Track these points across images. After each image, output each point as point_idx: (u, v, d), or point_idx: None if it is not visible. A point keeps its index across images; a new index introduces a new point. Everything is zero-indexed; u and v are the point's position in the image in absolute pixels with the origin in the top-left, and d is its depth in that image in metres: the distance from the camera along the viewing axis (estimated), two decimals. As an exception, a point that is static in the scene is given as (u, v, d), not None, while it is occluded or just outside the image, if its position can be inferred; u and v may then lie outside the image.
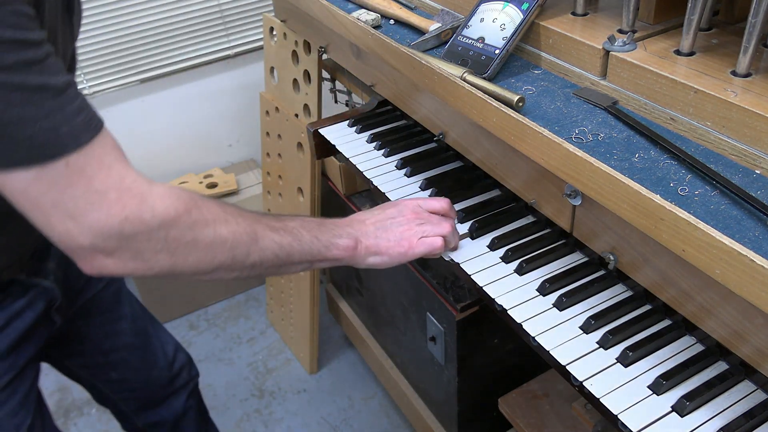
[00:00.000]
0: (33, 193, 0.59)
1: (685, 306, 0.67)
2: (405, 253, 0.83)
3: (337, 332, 2.01)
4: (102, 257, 0.64)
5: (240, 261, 0.72)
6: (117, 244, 0.63)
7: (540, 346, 0.74)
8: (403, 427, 1.73)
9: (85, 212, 0.61)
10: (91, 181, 0.61)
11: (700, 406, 0.67)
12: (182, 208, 0.66)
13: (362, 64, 1.11)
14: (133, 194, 0.63)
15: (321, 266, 0.82)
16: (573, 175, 0.71)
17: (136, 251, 0.64)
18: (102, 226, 0.61)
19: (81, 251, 0.63)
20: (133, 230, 0.63)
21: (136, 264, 0.65)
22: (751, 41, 0.71)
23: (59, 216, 0.61)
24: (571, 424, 1.09)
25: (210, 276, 0.72)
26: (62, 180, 0.60)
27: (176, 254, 0.67)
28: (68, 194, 0.60)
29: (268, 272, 0.77)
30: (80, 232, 0.61)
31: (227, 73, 2.16)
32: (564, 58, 0.89)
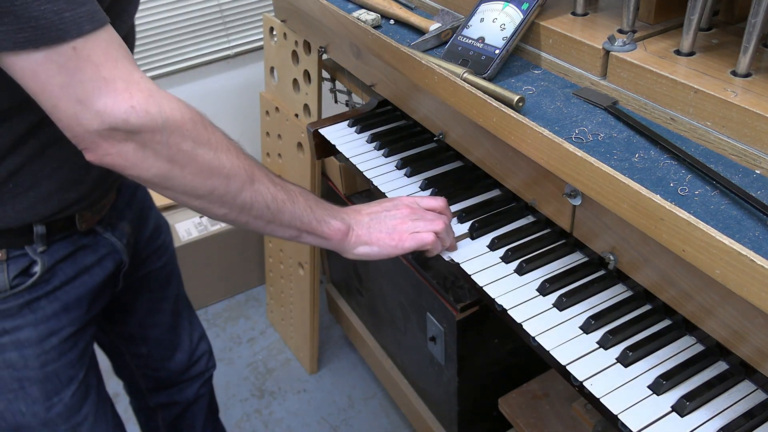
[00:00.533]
0: (42, 76, 0.60)
1: (685, 306, 0.67)
2: (395, 246, 0.84)
3: (337, 332, 2.01)
4: (106, 145, 0.64)
5: (232, 194, 0.72)
6: (122, 134, 0.64)
7: (540, 346, 0.74)
8: (403, 427, 1.73)
9: (93, 96, 0.62)
10: (99, 69, 0.62)
11: (700, 406, 0.67)
12: (188, 117, 0.67)
13: (362, 64, 1.11)
14: (141, 88, 0.64)
15: (308, 240, 0.82)
16: (573, 175, 0.71)
17: (140, 145, 0.65)
18: (109, 111, 0.62)
19: (87, 136, 0.63)
20: (138, 121, 0.63)
21: (136, 158, 0.65)
22: (751, 41, 0.71)
23: (67, 100, 0.61)
24: (571, 424, 1.09)
25: (199, 202, 0.72)
26: (70, 63, 0.60)
27: (174, 161, 0.67)
28: (77, 78, 0.61)
29: (255, 224, 0.77)
30: (88, 116, 0.62)
31: (227, 73, 2.16)
32: (564, 58, 0.89)
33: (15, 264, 0.83)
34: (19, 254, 0.84)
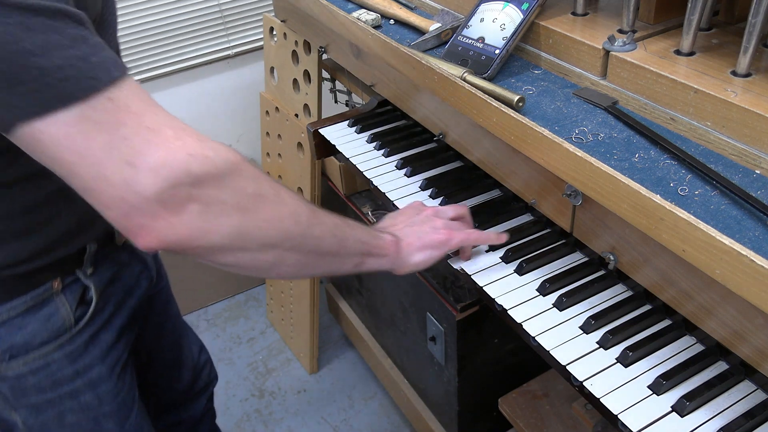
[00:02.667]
0: (78, 139, 0.50)
1: (685, 306, 0.67)
2: (445, 242, 0.80)
3: (337, 332, 2.01)
4: (167, 215, 0.53)
5: (302, 232, 0.63)
6: (186, 190, 0.53)
7: (540, 346, 0.74)
8: (403, 427, 1.73)
9: (144, 151, 0.51)
10: (141, 118, 0.52)
11: (700, 406, 0.67)
12: (240, 157, 0.59)
13: (362, 64, 1.11)
14: (189, 133, 0.54)
15: (369, 264, 0.74)
16: (573, 175, 0.71)
17: (205, 202, 0.54)
18: (167, 165, 0.51)
19: (143, 210, 0.52)
20: (200, 169, 0.53)
21: (205, 221, 0.55)
22: (751, 41, 0.71)
23: (114, 162, 0.51)
24: (571, 424, 1.09)
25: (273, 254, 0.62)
26: (110, 117, 0.51)
27: (244, 209, 0.57)
28: (120, 134, 0.51)
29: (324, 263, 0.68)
30: (143, 178, 0.51)
31: (227, 73, 2.16)
32: (564, 58, 0.89)
33: (71, 292, 0.78)
34: (71, 280, 0.78)
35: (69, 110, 0.50)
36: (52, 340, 0.77)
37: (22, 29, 0.48)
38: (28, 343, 0.76)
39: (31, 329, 0.76)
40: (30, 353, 0.76)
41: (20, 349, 0.76)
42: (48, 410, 0.80)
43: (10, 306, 0.74)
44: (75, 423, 0.82)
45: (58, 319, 0.77)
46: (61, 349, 0.78)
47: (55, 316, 0.77)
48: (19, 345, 0.76)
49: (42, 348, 0.77)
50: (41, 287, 0.75)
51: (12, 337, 0.75)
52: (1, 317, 0.74)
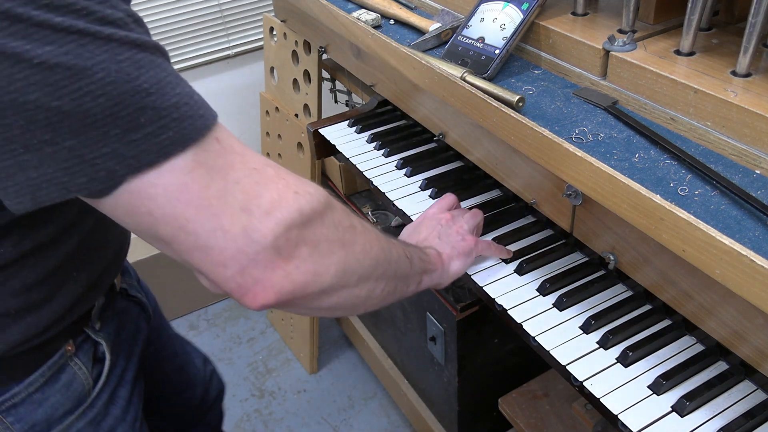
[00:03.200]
0: (195, 189, 0.45)
1: (685, 306, 0.67)
2: (474, 247, 0.81)
3: (337, 332, 2.01)
4: (283, 263, 0.48)
5: (387, 255, 0.61)
6: (298, 233, 0.49)
7: (540, 346, 0.74)
8: (403, 427, 1.73)
9: (257, 195, 0.47)
10: (245, 158, 0.48)
11: (700, 406, 0.67)
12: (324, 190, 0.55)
13: (362, 64, 1.11)
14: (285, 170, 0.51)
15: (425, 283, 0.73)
16: (573, 175, 0.71)
17: (314, 242, 0.51)
18: (280, 207, 0.48)
19: (260, 261, 0.47)
20: (309, 206, 0.50)
21: (315, 263, 0.51)
22: (751, 41, 0.71)
23: (231, 212, 0.46)
24: (571, 424, 1.09)
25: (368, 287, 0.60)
26: (221, 160, 0.46)
27: (345, 243, 0.54)
28: (232, 179, 0.46)
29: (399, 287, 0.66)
30: (259, 225, 0.46)
31: (227, 73, 2.16)
32: (564, 58, 0.89)
33: (84, 353, 0.73)
34: (82, 340, 0.73)
35: (185, 155, 0.44)
36: (74, 409, 0.73)
37: (135, 66, 0.43)
38: (50, 417, 0.71)
39: (53, 402, 0.71)
40: (52, 429, 0.71)
41: (42, 425, 0.70)
42: None
43: (28, 382, 0.68)
44: None
45: (78, 384, 0.73)
46: (84, 416, 0.74)
47: (74, 383, 0.72)
48: (41, 422, 0.70)
49: (65, 420, 0.72)
50: (56, 354, 0.70)
51: (33, 416, 0.69)
52: (21, 395, 0.68)
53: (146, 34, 0.45)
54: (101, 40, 0.42)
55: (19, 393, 0.68)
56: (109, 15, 0.43)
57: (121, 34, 0.43)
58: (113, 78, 0.42)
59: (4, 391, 0.67)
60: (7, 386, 0.67)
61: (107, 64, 0.42)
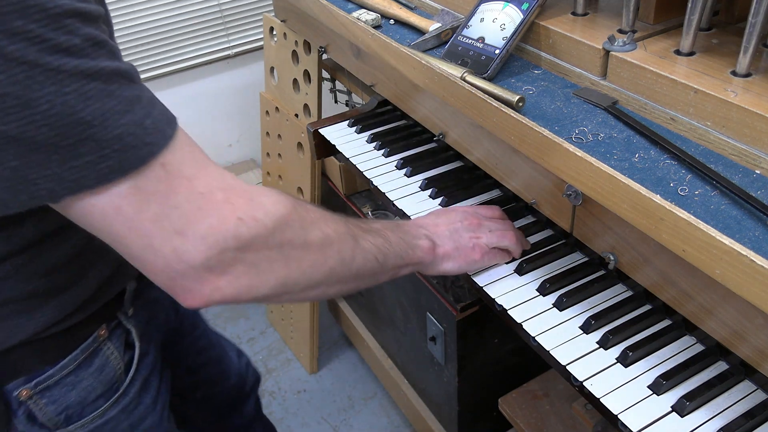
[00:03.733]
0: (129, 211, 0.48)
1: (685, 306, 0.67)
2: (478, 261, 0.80)
3: (337, 332, 2.01)
4: (214, 278, 0.52)
5: (347, 265, 0.64)
6: (233, 254, 0.52)
7: (540, 346, 0.74)
8: (403, 427, 1.73)
9: (195, 220, 0.50)
10: (192, 183, 0.50)
11: (700, 406, 0.67)
12: (290, 206, 0.58)
13: (362, 64, 1.11)
14: (239, 193, 0.53)
15: (403, 273, 0.75)
16: (573, 175, 0.71)
17: (251, 262, 0.54)
18: (216, 233, 0.50)
19: (189, 276, 0.51)
20: (249, 233, 0.53)
21: (251, 279, 0.55)
22: (751, 41, 0.71)
23: (163, 234, 0.49)
24: (571, 424, 1.09)
25: (316, 292, 0.62)
26: (163, 186, 0.49)
27: (290, 260, 0.57)
28: (171, 203, 0.49)
29: (363, 283, 0.69)
30: (191, 247, 0.50)
31: (227, 73, 2.16)
32: (564, 58, 0.89)
33: (116, 338, 0.75)
34: (115, 325, 0.75)
35: (123, 182, 0.47)
36: (107, 395, 0.75)
37: (81, 99, 0.45)
38: (84, 400, 0.73)
39: (86, 385, 0.72)
40: (86, 415, 0.73)
41: (75, 409, 0.73)
42: None
43: (61, 365, 0.70)
44: None
45: (110, 369, 0.74)
46: (117, 404, 0.76)
47: (107, 368, 0.74)
48: (74, 404, 0.72)
49: (97, 405, 0.74)
50: (90, 338, 0.72)
51: (66, 398, 0.71)
52: (54, 378, 0.70)
53: (107, 58, 0.47)
54: (50, 71, 0.43)
55: (52, 375, 0.70)
56: (63, 42, 0.44)
57: (72, 64, 0.44)
58: (57, 110, 0.44)
59: (39, 374, 0.69)
60: (41, 369, 0.69)
61: (52, 96, 0.43)
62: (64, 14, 0.44)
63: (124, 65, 0.48)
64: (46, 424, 0.71)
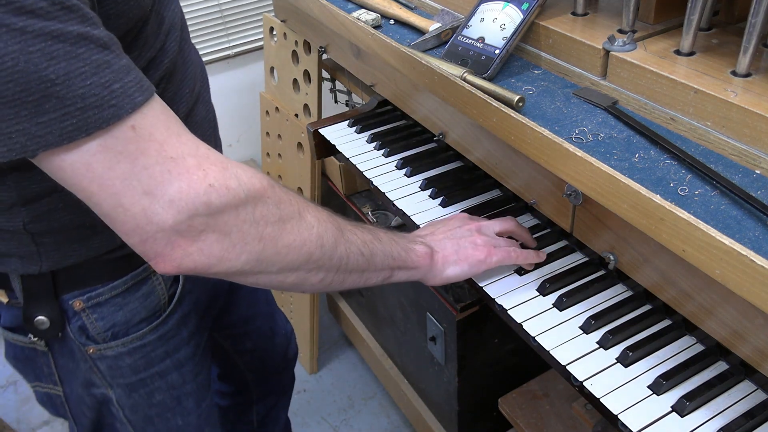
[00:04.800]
0: (98, 169, 0.50)
1: (685, 306, 0.67)
2: (483, 260, 0.79)
3: (337, 332, 2.01)
4: (184, 243, 0.54)
5: (328, 252, 0.64)
6: (204, 220, 0.53)
7: (540, 346, 0.74)
8: (403, 427, 1.73)
9: (164, 182, 0.51)
10: (164, 147, 0.52)
11: (700, 406, 0.67)
12: (266, 182, 0.58)
13: (362, 64, 1.11)
14: (213, 161, 0.54)
15: (399, 277, 0.75)
16: (573, 175, 0.71)
17: (223, 231, 0.55)
18: (186, 196, 0.52)
19: (159, 238, 0.53)
20: (220, 200, 0.53)
21: (223, 250, 0.56)
22: (751, 41, 0.71)
23: (132, 193, 0.51)
24: (571, 424, 1.09)
25: (295, 276, 0.63)
26: (132, 146, 0.50)
27: (265, 237, 0.58)
28: (140, 163, 0.51)
29: (350, 280, 0.69)
30: (160, 209, 0.51)
31: (227, 73, 2.16)
32: (564, 58, 0.89)
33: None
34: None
35: (90, 140, 0.50)
36: (149, 319, 0.80)
37: (45, 58, 0.47)
38: (129, 321, 0.78)
39: (132, 308, 0.78)
40: (130, 334, 0.79)
41: (121, 327, 0.78)
42: (140, 389, 0.83)
43: (112, 286, 0.75)
44: (161, 401, 0.85)
45: (154, 297, 0.79)
46: (156, 330, 0.81)
47: (152, 295, 0.79)
48: (120, 323, 0.77)
49: (140, 328, 0.79)
50: (140, 267, 0.77)
51: (114, 316, 0.77)
52: (104, 296, 0.75)
53: (77, 23, 0.48)
54: (15, 31, 0.46)
55: (103, 293, 0.75)
56: (28, 5, 0.46)
57: (38, 25, 0.46)
58: (21, 67, 0.46)
59: (92, 290, 0.75)
60: (94, 286, 0.75)
61: (17, 54, 0.46)
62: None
63: (97, 32, 0.50)
64: (95, 337, 0.77)
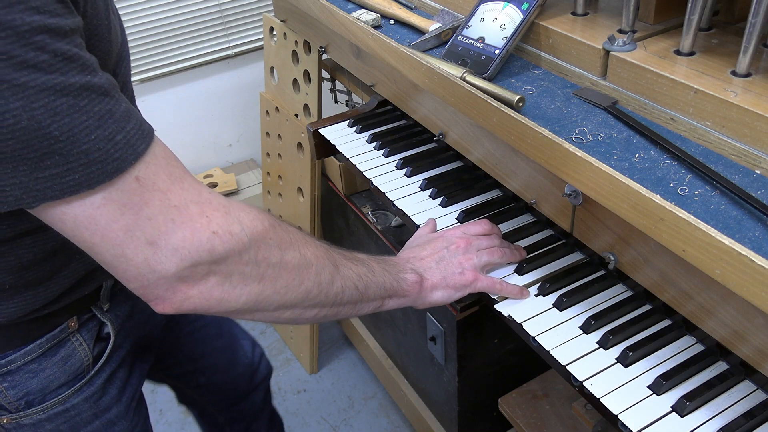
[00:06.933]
0: (102, 221, 0.50)
1: (685, 306, 0.67)
2: (469, 285, 0.80)
3: (337, 332, 2.01)
4: (185, 288, 0.54)
5: (325, 289, 0.64)
6: (207, 267, 0.53)
7: (540, 346, 0.74)
8: (403, 427, 1.73)
9: (167, 233, 0.51)
10: (167, 196, 0.51)
11: (700, 406, 0.67)
12: (267, 223, 0.58)
13: (362, 64, 1.11)
14: (215, 206, 0.54)
15: (390, 305, 0.75)
16: (573, 175, 0.71)
17: (225, 275, 0.55)
18: (189, 244, 0.52)
19: (161, 285, 0.53)
20: (223, 247, 0.54)
21: (223, 292, 0.56)
22: (751, 41, 0.71)
23: (136, 244, 0.51)
24: (571, 424, 1.09)
25: (291, 312, 0.63)
26: (136, 198, 0.50)
27: (265, 278, 0.58)
28: (144, 214, 0.50)
29: (344, 311, 0.69)
30: (163, 259, 0.51)
31: (227, 73, 2.16)
32: (564, 58, 0.89)
33: (87, 331, 0.75)
34: (87, 318, 0.76)
35: (94, 194, 0.49)
36: (71, 383, 0.75)
37: (49, 114, 0.46)
38: (45, 388, 0.73)
39: (48, 374, 0.73)
40: (47, 400, 0.74)
41: (37, 395, 0.73)
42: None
43: (25, 351, 0.71)
44: None
45: (76, 360, 0.75)
46: (81, 392, 0.76)
47: (73, 358, 0.75)
48: (35, 391, 0.73)
49: (60, 393, 0.75)
50: (57, 329, 0.73)
51: (28, 384, 0.72)
52: (17, 363, 0.71)
53: (78, 73, 0.47)
54: (17, 87, 0.44)
55: (15, 360, 0.71)
56: (30, 59, 0.44)
57: (41, 80, 0.45)
58: (24, 125, 0.45)
59: (2, 357, 0.70)
60: (4, 352, 0.70)
61: (20, 111, 0.44)
62: (33, 31, 0.44)
63: (97, 79, 0.49)
64: (7, 407, 0.72)
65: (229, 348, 1.12)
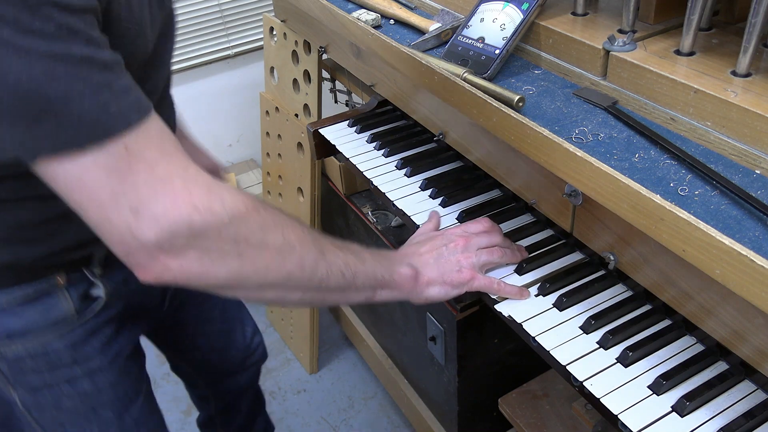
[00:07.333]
0: (89, 182, 0.53)
1: (685, 306, 0.67)
2: (466, 283, 0.80)
3: (337, 332, 2.01)
4: (165, 258, 0.57)
5: (308, 273, 0.66)
6: (185, 240, 0.56)
7: (540, 346, 0.74)
8: (403, 427, 1.73)
9: (150, 201, 0.54)
10: (154, 168, 0.54)
11: (700, 406, 0.67)
12: (251, 205, 0.61)
13: (362, 64, 1.11)
14: (200, 183, 0.57)
15: (382, 297, 0.76)
16: (573, 175, 0.71)
17: (204, 249, 0.58)
18: (169, 216, 0.55)
19: (142, 252, 0.56)
20: (203, 222, 0.56)
21: (202, 266, 0.58)
22: (751, 41, 0.71)
23: (119, 208, 0.54)
24: (571, 424, 1.09)
25: (275, 293, 0.66)
26: (123, 165, 0.53)
27: (245, 256, 0.60)
28: (129, 182, 0.53)
29: (331, 297, 0.71)
30: (144, 226, 0.54)
31: (227, 73, 2.16)
32: (564, 58, 0.89)
33: (76, 289, 0.78)
34: (78, 278, 0.78)
35: (84, 155, 0.52)
36: (51, 328, 0.78)
37: (47, 77, 0.49)
38: (26, 328, 0.77)
39: (29, 317, 0.76)
40: (28, 338, 0.77)
41: (18, 331, 0.77)
42: (45, 392, 0.82)
43: (7, 291, 0.74)
44: (72, 408, 0.84)
45: (58, 311, 0.78)
46: (62, 339, 0.79)
47: (55, 309, 0.77)
48: (17, 330, 0.76)
49: (41, 335, 0.78)
50: (43, 280, 0.76)
51: (8, 322, 0.76)
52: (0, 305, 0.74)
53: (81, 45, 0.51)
54: (21, 50, 0.48)
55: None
56: (36, 27, 0.48)
57: (44, 46, 0.49)
58: (23, 84, 0.49)
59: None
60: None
61: (20, 71, 0.48)
62: (41, 3, 0.48)
63: (102, 54, 0.52)
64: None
65: (230, 331, 1.16)
